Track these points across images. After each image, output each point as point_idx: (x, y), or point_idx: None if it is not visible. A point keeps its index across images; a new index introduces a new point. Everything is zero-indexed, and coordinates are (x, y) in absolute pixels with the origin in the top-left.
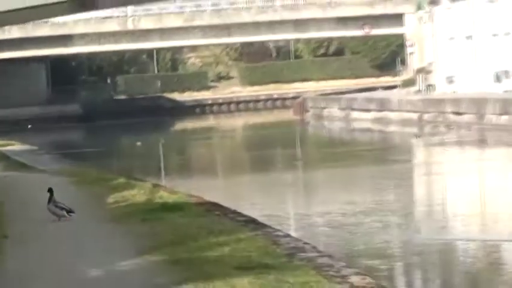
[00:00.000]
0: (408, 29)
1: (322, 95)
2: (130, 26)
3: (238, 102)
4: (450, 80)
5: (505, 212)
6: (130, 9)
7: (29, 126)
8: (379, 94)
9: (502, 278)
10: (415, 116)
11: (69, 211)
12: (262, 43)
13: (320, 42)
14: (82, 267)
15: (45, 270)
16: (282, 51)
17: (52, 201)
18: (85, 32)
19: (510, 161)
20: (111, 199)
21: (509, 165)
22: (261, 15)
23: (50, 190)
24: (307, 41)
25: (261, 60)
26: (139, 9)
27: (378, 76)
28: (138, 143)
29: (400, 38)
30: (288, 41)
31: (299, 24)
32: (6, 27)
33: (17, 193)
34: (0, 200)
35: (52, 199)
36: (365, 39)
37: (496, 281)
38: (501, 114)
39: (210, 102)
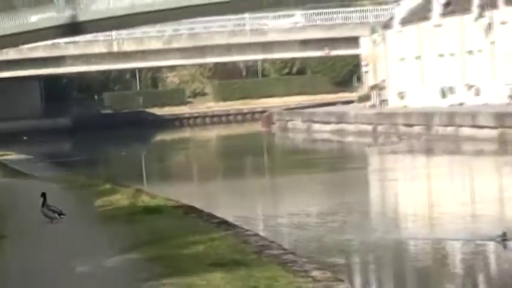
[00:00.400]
0: (363, 50)
1: (286, 109)
2: (115, 48)
3: (212, 116)
4: (401, 96)
5: (449, 213)
6: (115, 33)
7: (25, 138)
8: (338, 108)
9: (447, 272)
10: (369, 127)
11: (60, 213)
12: (233, 63)
13: (285, 62)
14: (72, 263)
15: (40, 266)
16: (251, 70)
17: (45, 205)
18: (75, 53)
19: (454, 167)
20: (98, 203)
21: (454, 171)
22: (232, 38)
23: (44, 195)
24: (273, 61)
25: (232, 78)
26: (123, 33)
27: (337, 92)
28: (123, 153)
29: (356, 58)
30: (256, 61)
31: (266, 46)
32: (4, 50)
33: (14, 197)
34: (2, 203)
35: (45, 203)
36: (325, 59)
37: (442, 274)
38: (446, 125)
39: (187, 116)
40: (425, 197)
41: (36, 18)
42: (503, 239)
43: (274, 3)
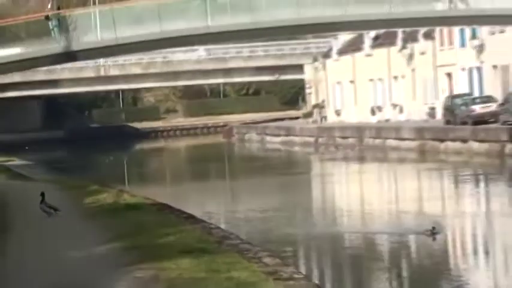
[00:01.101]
0: (307, 75)
1: (244, 124)
2: (102, 73)
3: (182, 129)
4: (338, 113)
5: (380, 210)
6: (102, 60)
7: (27, 147)
8: (286, 123)
9: (375, 257)
10: (312, 139)
11: (55, 209)
12: (199, 85)
13: (242, 85)
14: (66, 250)
15: (40, 252)
16: (214, 91)
17: (43, 202)
18: (69, 77)
19: (382, 172)
20: (87, 201)
21: (382, 175)
22: (198, 65)
23: (42, 194)
24: (233, 84)
25: (198, 98)
26: (109, 60)
27: (285, 110)
28: (108, 159)
29: (301, 82)
30: (218, 84)
31: (227, 72)
32: (10, 73)
33: (17, 196)
34: (6, 201)
35: (43, 201)
36: (276, 82)
37: (371, 259)
38: (375, 138)
39: (161, 129)
40: (359, 197)
41: (37, 48)
42: (432, 232)
43: (241, 36)
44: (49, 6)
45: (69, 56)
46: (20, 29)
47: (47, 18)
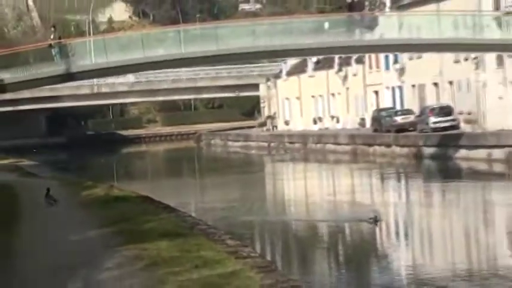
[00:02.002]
0: (261, 92)
1: (210, 131)
2: (95, 90)
3: (160, 136)
4: (287, 123)
5: (321, 201)
6: (95, 80)
7: (34, 150)
8: (244, 131)
9: (316, 239)
10: (265, 144)
11: (55, 200)
12: (174, 101)
13: (209, 100)
14: (65, 233)
15: (45, 235)
16: (187, 105)
17: (48, 196)
18: (69, 94)
19: (323, 170)
20: (83, 194)
21: (323, 173)
22: (174, 84)
23: (48, 189)
24: (202, 99)
25: (174, 111)
26: (101, 80)
27: (244, 120)
28: (101, 161)
29: (257, 97)
30: (190, 99)
31: (197, 89)
32: (20, 91)
33: (26, 190)
34: (17, 193)
35: (48, 194)
36: (236, 98)
37: (313, 241)
38: (317, 143)
39: (143, 135)
40: (304, 190)
41: (42, 70)
42: (374, 220)
43: (208, 61)
44: (52, 36)
45: (68, 76)
46: (29, 55)
47: (50, 46)
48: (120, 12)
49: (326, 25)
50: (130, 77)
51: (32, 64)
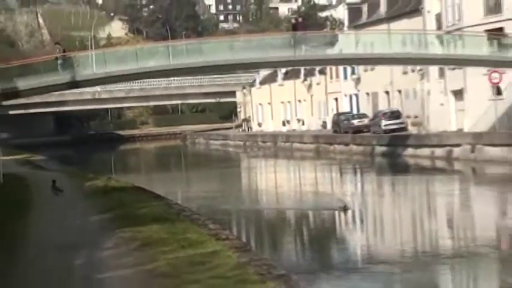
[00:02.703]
0: (238, 98)
1: (194, 132)
2: (96, 96)
3: (152, 135)
4: (260, 125)
5: (290, 192)
6: (96, 87)
7: (43, 147)
8: (224, 132)
9: (285, 225)
10: (241, 143)
11: (60, 190)
12: (165, 105)
13: (194, 105)
14: (69, 218)
15: (53, 220)
16: (175, 109)
17: (54, 186)
18: (73, 99)
19: (291, 165)
20: (85, 185)
21: (290, 168)
22: (164, 91)
23: (53, 181)
24: (187, 104)
25: (163, 114)
26: (101, 87)
27: (223, 123)
28: (101, 156)
29: (234, 103)
30: (177, 104)
31: (184, 95)
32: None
33: (36, 181)
34: (28, 184)
35: (54, 185)
36: (217, 103)
37: (282, 226)
38: (285, 142)
39: (137, 135)
40: (276, 182)
41: (50, 79)
42: (344, 208)
43: (193, 72)
44: (57, 50)
45: (73, 84)
46: (39, 66)
47: (56, 59)
48: (117, 29)
49: (292, 41)
50: (126, 85)
51: (42, 73)
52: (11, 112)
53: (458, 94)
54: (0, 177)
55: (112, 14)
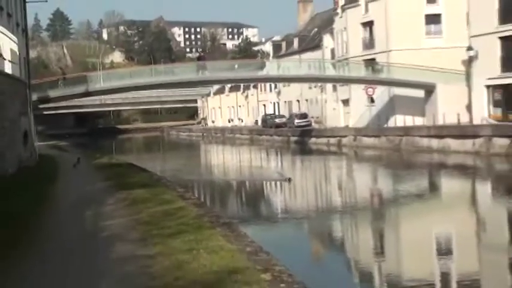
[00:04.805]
0: (199, 104)
1: (169, 127)
2: (103, 102)
3: (141, 129)
4: (213, 122)
5: (237, 167)
6: (103, 96)
7: (67, 136)
8: (189, 127)
9: (231, 190)
10: (201, 134)
11: (79, 163)
12: (149, 108)
13: (169, 108)
14: (83, 184)
15: (72, 185)
16: (156, 111)
17: (78, 161)
18: (88, 103)
19: (234, 149)
20: (94, 162)
21: (233, 150)
22: (149, 99)
23: (78, 158)
24: (164, 108)
25: (149, 114)
26: (106, 96)
27: (189, 120)
28: (105, 143)
29: (196, 107)
30: (158, 108)
31: (162, 102)
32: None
33: (62, 160)
34: (57, 161)
35: (78, 161)
36: (184, 107)
37: (230, 191)
38: (230, 133)
39: (131, 128)
40: (228, 160)
41: (69, 90)
42: (288, 179)
43: (168, 86)
44: (62, 77)
45: (87, 94)
46: (64, 81)
47: (58, 79)
48: (117, 57)
49: (236, 66)
50: (123, 95)
51: (65, 86)
52: (44, 112)
53: (346, 102)
54: (36, 156)
55: (114, 47)
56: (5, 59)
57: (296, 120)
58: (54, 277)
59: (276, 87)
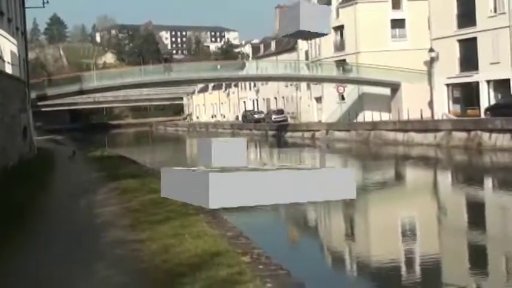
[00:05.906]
0: (184, 101)
1: (158, 122)
2: (96, 99)
3: (132, 124)
4: (198, 117)
5: None
6: (96, 94)
7: (64, 131)
8: (176, 122)
9: None
10: (186, 129)
11: (74, 154)
12: (139, 105)
13: (157, 105)
14: (78, 175)
15: (68, 175)
16: (145, 107)
17: (74, 154)
18: (82, 101)
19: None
20: (88, 154)
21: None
22: (139, 97)
23: (74, 151)
24: (153, 105)
25: (138, 110)
26: (99, 94)
27: (175, 116)
28: (98, 137)
29: (182, 104)
30: (147, 105)
31: (151, 99)
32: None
33: (58, 152)
34: (53, 154)
35: (74, 154)
36: (172, 104)
37: None
38: (213, 128)
39: (123, 124)
40: None
41: (68, 88)
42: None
43: (158, 85)
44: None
45: (82, 92)
46: (60, 81)
47: (44, 80)
48: (109, 58)
49: (218, 66)
50: (114, 93)
51: (61, 85)
52: (43, 109)
53: (319, 99)
54: (35, 150)
55: (106, 49)
56: (4, 61)
57: (273, 116)
58: (55, 256)
59: (255, 85)
